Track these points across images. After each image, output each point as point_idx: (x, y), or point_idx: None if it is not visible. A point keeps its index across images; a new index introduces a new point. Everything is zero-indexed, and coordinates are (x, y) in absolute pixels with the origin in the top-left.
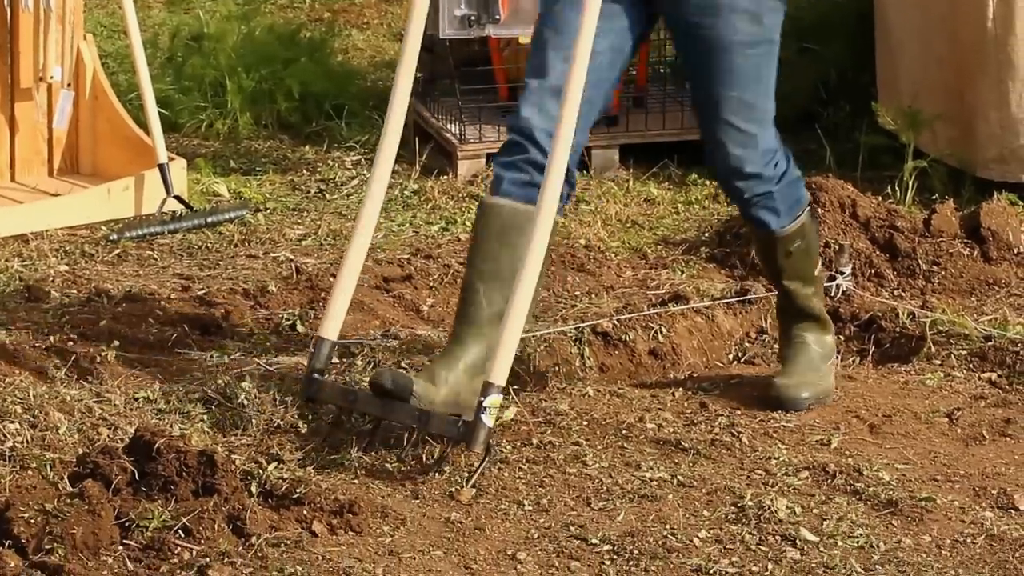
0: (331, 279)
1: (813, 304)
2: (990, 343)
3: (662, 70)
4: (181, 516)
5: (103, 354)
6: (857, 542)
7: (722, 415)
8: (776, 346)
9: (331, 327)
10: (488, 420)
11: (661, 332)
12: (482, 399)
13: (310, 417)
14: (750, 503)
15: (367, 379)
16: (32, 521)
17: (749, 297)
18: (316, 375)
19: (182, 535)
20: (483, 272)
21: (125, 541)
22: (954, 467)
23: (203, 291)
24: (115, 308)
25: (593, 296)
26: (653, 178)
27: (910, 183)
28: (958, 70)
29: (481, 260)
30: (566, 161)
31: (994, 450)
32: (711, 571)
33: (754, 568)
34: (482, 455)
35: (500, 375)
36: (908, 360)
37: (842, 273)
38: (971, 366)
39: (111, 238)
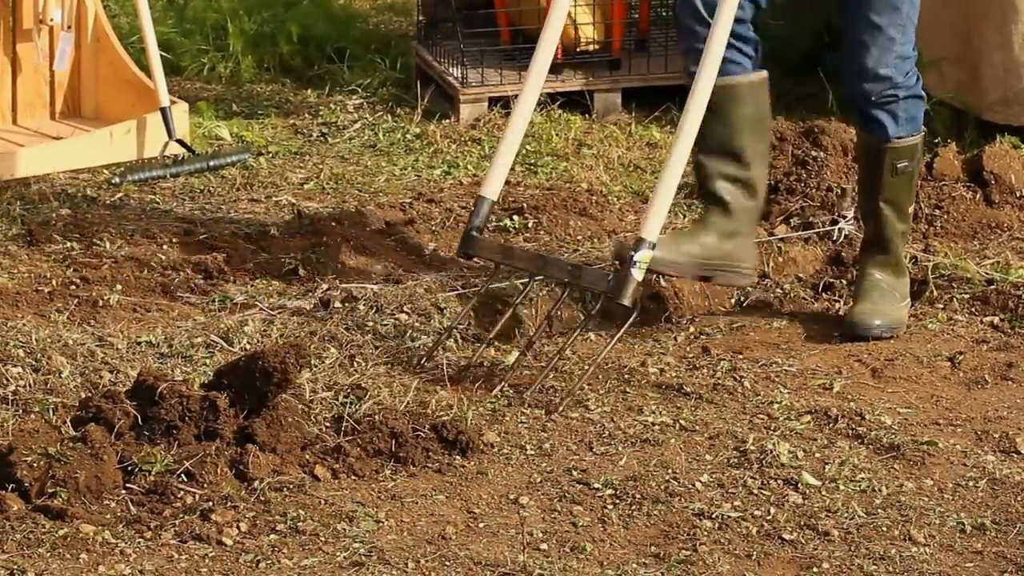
0: (333, 223)
1: (897, 243)
2: (992, 287)
3: (664, 13)
4: (184, 460)
5: (105, 298)
6: (859, 486)
7: (724, 359)
8: (779, 291)
9: (492, 188)
10: (638, 274)
11: (663, 276)
12: (632, 253)
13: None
14: (752, 447)
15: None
16: (35, 465)
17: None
18: (474, 232)
19: (184, 479)
20: (703, 146)
21: (128, 485)
22: (956, 411)
23: (205, 235)
24: (117, 252)
25: (595, 240)
26: (655, 122)
27: None
28: (964, 11)
29: (699, 136)
30: (729, 25)
31: (996, 394)
32: (713, 515)
33: (756, 512)
34: (630, 307)
35: (652, 231)
36: (911, 304)
37: (844, 217)
38: (973, 310)
39: (113, 182)
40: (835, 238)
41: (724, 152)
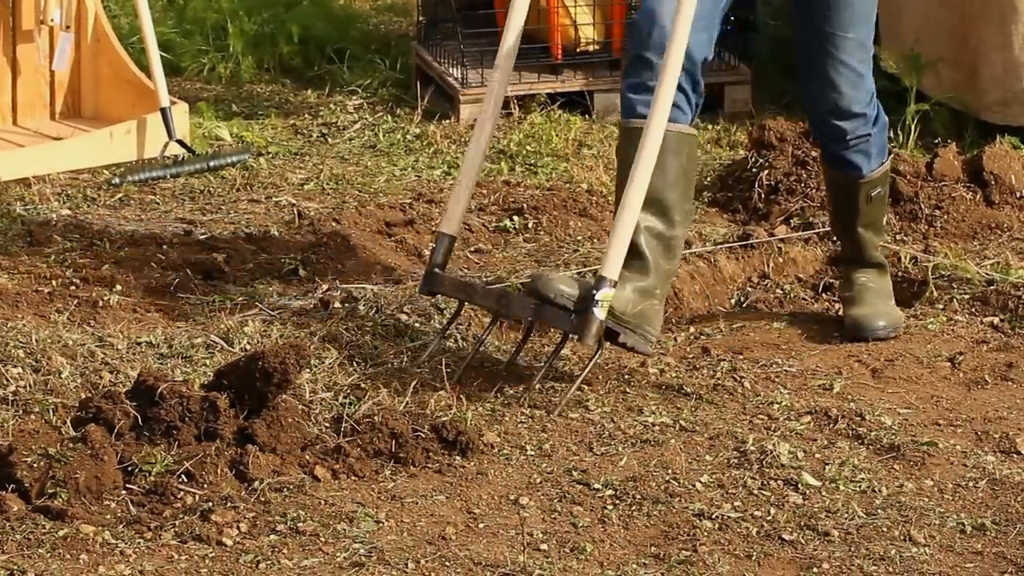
0: (333, 224)
1: (878, 253)
2: (992, 287)
3: None
4: (184, 461)
5: (105, 298)
6: (859, 486)
7: (724, 360)
8: (778, 291)
9: (452, 223)
10: (600, 313)
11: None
12: (594, 292)
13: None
14: (752, 448)
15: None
16: (35, 465)
17: (751, 242)
18: (436, 270)
19: (185, 480)
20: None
21: (128, 485)
22: (956, 411)
23: (205, 235)
24: (117, 252)
25: (595, 240)
26: None
27: (912, 127)
28: (961, 12)
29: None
30: (678, 72)
31: (996, 394)
32: (713, 516)
33: (756, 513)
34: (594, 348)
35: (612, 269)
36: (910, 304)
37: None
38: (973, 310)
39: (113, 182)
40: (835, 239)
41: (652, 203)
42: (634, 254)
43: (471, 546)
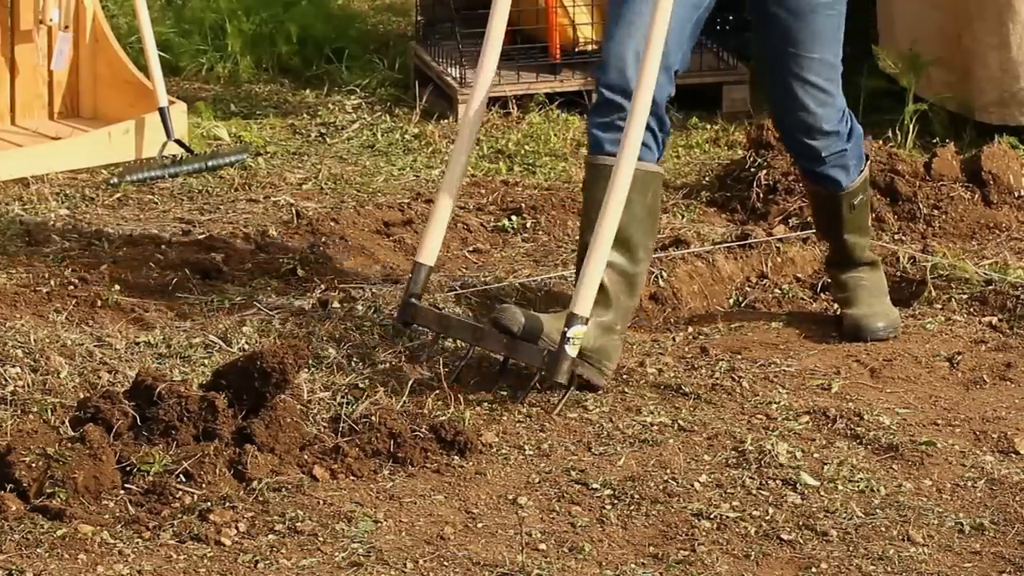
0: (332, 223)
1: (867, 254)
2: (991, 287)
3: None
4: (182, 460)
5: (104, 298)
6: (858, 486)
7: (723, 360)
8: (777, 291)
9: (428, 253)
10: (571, 351)
11: (662, 277)
12: (565, 330)
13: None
14: (751, 448)
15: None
16: (33, 465)
17: (750, 241)
18: (413, 299)
19: (183, 479)
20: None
21: (126, 485)
22: (955, 411)
23: (204, 235)
24: (116, 252)
25: None
26: None
27: (911, 127)
28: (955, 14)
29: (590, 220)
30: (647, 111)
31: (994, 394)
32: (712, 515)
33: (755, 512)
34: (565, 385)
35: (583, 306)
36: (909, 304)
37: None
38: (972, 310)
39: (112, 182)
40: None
41: (617, 240)
42: (598, 290)
43: (469, 546)
